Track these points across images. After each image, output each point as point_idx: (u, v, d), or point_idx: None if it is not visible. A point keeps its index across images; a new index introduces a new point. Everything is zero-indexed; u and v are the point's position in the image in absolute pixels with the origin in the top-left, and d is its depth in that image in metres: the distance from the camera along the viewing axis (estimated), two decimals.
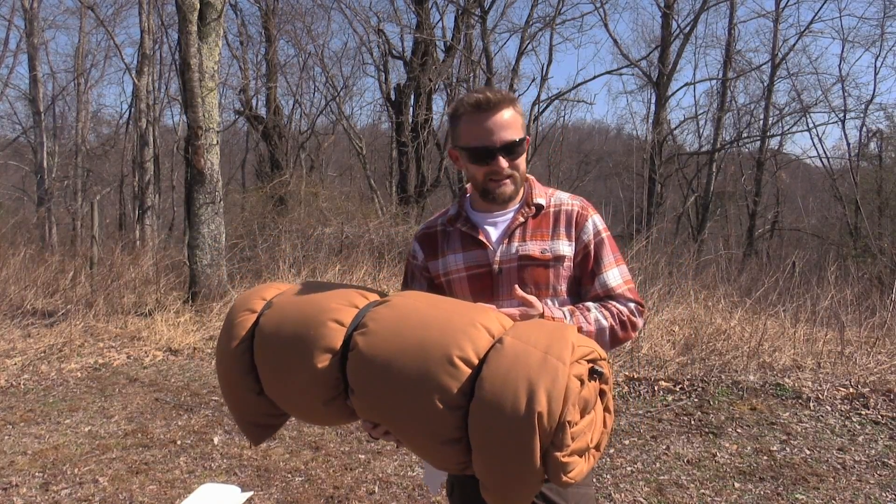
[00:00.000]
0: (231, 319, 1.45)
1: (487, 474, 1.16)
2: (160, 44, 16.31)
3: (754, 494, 3.11)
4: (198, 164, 6.91)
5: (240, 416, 1.46)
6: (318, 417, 1.37)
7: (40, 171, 16.82)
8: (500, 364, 1.14)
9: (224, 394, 1.48)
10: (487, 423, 1.11)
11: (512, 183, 1.42)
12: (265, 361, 1.36)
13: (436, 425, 1.16)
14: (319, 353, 1.27)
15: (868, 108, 17.13)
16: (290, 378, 1.31)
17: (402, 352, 1.20)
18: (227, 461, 3.53)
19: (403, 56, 15.42)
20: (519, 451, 1.10)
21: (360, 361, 1.24)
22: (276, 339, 1.34)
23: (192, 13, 6.67)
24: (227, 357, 1.41)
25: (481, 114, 1.37)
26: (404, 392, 1.18)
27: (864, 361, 4.72)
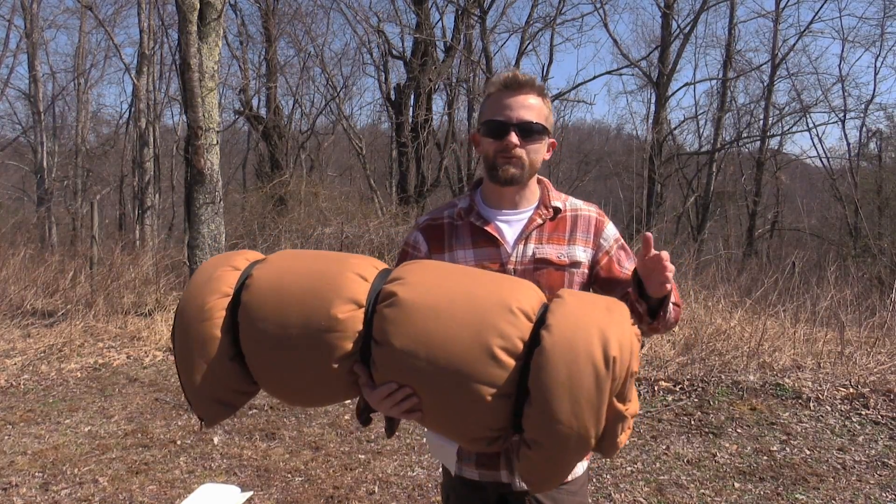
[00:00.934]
0: (206, 274, 1.27)
1: (543, 429, 1.08)
2: (160, 44, 16.31)
3: (754, 494, 3.11)
4: (198, 164, 6.91)
5: (200, 388, 1.24)
6: (312, 387, 1.20)
7: (40, 171, 16.82)
8: (568, 311, 1.11)
9: (184, 360, 1.24)
10: (557, 367, 1.05)
11: (520, 166, 1.37)
12: (259, 317, 1.19)
13: (487, 375, 1.08)
14: (341, 302, 1.15)
15: (868, 108, 17.16)
16: (293, 333, 1.17)
17: (451, 300, 1.13)
18: (227, 461, 3.53)
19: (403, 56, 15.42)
20: (591, 397, 1.06)
21: (401, 310, 1.13)
22: (278, 292, 1.20)
23: (192, 13, 6.67)
24: (199, 313, 1.22)
25: (506, 91, 1.37)
26: (455, 339, 1.09)
27: (864, 361, 4.72)
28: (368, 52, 15.90)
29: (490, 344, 1.08)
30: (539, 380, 1.06)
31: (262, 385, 1.26)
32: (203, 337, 1.22)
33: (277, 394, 1.26)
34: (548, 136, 1.41)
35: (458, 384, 1.09)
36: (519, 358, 1.09)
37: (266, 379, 1.24)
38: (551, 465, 1.13)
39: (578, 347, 1.06)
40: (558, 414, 1.06)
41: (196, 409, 1.27)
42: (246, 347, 1.22)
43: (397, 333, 1.12)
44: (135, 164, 16.32)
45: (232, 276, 1.26)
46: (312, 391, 1.22)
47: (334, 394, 1.23)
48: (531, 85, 1.37)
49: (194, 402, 1.27)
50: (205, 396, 1.25)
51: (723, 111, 17.76)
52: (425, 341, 1.11)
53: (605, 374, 1.06)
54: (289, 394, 1.25)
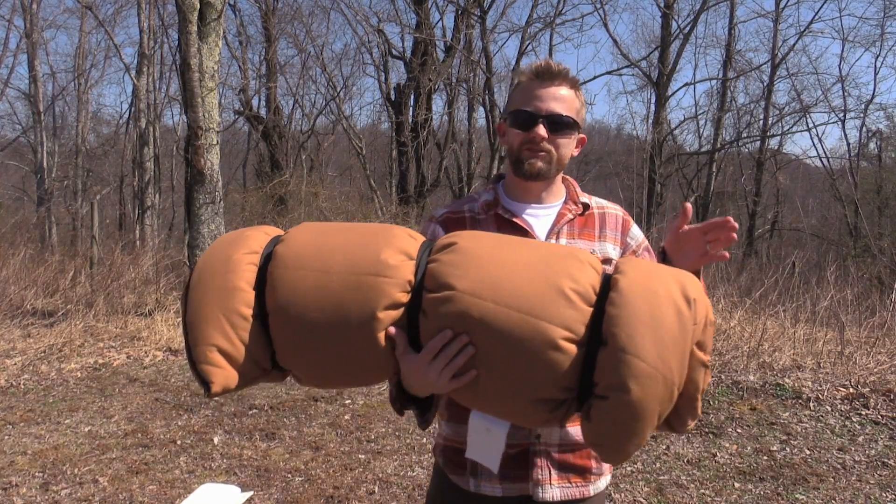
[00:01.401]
0: (233, 235, 1.17)
1: (624, 372, 0.96)
2: (160, 44, 16.31)
3: (754, 494, 3.11)
4: (198, 164, 6.91)
5: (211, 343, 1.08)
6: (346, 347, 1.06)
7: (40, 171, 16.83)
8: (638, 263, 1.06)
9: (197, 313, 1.09)
10: (637, 304, 0.97)
11: (547, 160, 1.30)
12: (296, 264, 1.07)
13: (560, 315, 0.98)
14: (392, 250, 1.06)
15: (868, 108, 17.17)
16: (335, 278, 1.05)
17: (515, 249, 1.06)
18: (227, 461, 3.53)
19: (403, 56, 15.43)
20: (675, 337, 0.97)
21: (463, 255, 1.04)
22: (318, 243, 1.09)
23: (192, 13, 6.67)
24: (223, 264, 1.10)
25: (537, 81, 1.31)
26: (525, 280, 1.01)
27: (864, 361, 4.72)
28: (368, 52, 15.92)
29: (562, 285, 1.00)
30: (617, 317, 0.97)
31: (284, 351, 1.11)
32: (225, 287, 1.09)
33: (300, 360, 1.11)
34: (577, 131, 1.34)
35: (527, 325, 0.98)
36: (591, 304, 1.01)
37: (292, 341, 1.09)
38: (630, 421, 0.98)
39: (657, 287, 1.00)
40: (642, 352, 0.95)
41: (200, 367, 1.08)
42: (274, 302, 1.08)
43: (459, 276, 1.02)
44: (135, 164, 16.33)
45: (263, 238, 1.16)
46: (345, 353, 1.07)
47: (370, 362, 1.08)
48: (564, 76, 1.31)
49: (199, 359, 1.09)
50: (214, 353, 1.08)
51: (723, 111, 17.77)
52: (492, 283, 1.01)
53: (687, 314, 0.99)
54: (314, 359, 1.10)
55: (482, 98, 14.98)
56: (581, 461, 1.32)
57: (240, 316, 1.08)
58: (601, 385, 0.98)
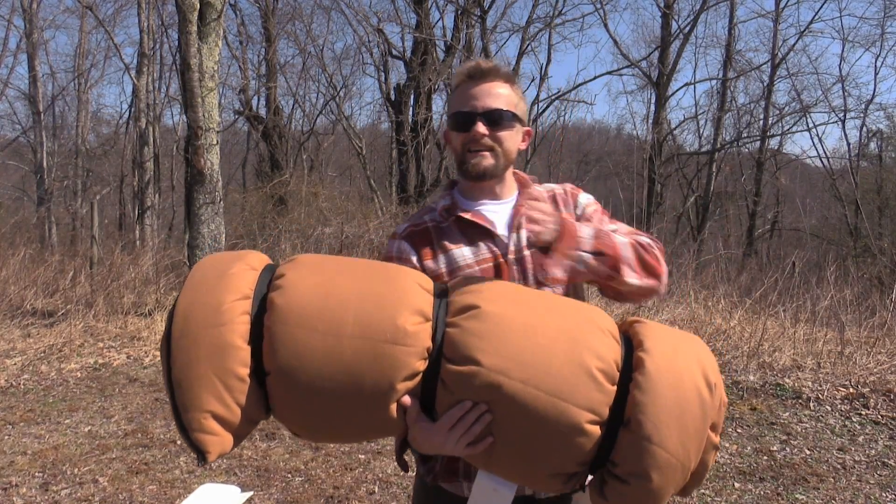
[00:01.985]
0: (218, 270, 1.04)
1: (647, 461, 0.97)
2: (160, 44, 16.31)
3: (754, 494, 3.11)
4: (198, 164, 6.90)
5: (205, 410, 0.98)
6: (357, 413, 1.00)
7: (40, 171, 16.83)
8: (659, 335, 1.04)
9: (186, 373, 0.97)
10: (665, 392, 0.97)
11: (492, 157, 1.29)
12: (301, 322, 0.97)
13: (586, 398, 0.96)
14: (408, 312, 0.98)
15: (868, 108, 17.15)
16: (347, 344, 0.97)
17: (540, 315, 1.02)
18: (227, 461, 3.53)
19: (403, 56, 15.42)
20: (698, 425, 0.98)
21: (488, 323, 0.98)
22: (325, 294, 0.99)
23: (192, 13, 6.67)
24: (214, 315, 0.98)
25: (471, 82, 1.30)
26: (552, 358, 0.97)
27: (864, 361, 4.72)
28: (368, 52, 15.92)
29: (589, 364, 0.98)
30: (643, 404, 0.96)
31: (284, 411, 1.03)
32: (217, 345, 0.98)
33: (300, 421, 1.04)
34: (520, 124, 1.34)
35: (554, 408, 0.96)
36: (615, 383, 0.99)
37: (296, 404, 1.00)
38: (647, 502, 1.00)
39: (683, 372, 0.99)
40: (666, 442, 0.96)
41: (195, 436, 0.99)
42: (275, 363, 0.99)
43: (485, 349, 0.97)
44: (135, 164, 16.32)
45: (250, 276, 1.05)
46: (349, 422, 1.01)
47: (375, 426, 1.03)
48: (496, 72, 1.30)
49: (193, 427, 0.99)
50: (209, 421, 0.99)
51: (723, 111, 17.77)
52: (519, 359, 0.97)
53: (709, 401, 1.00)
54: (314, 424, 1.03)
55: None
56: None
57: (236, 378, 0.99)
58: (622, 468, 0.98)
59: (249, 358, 1.00)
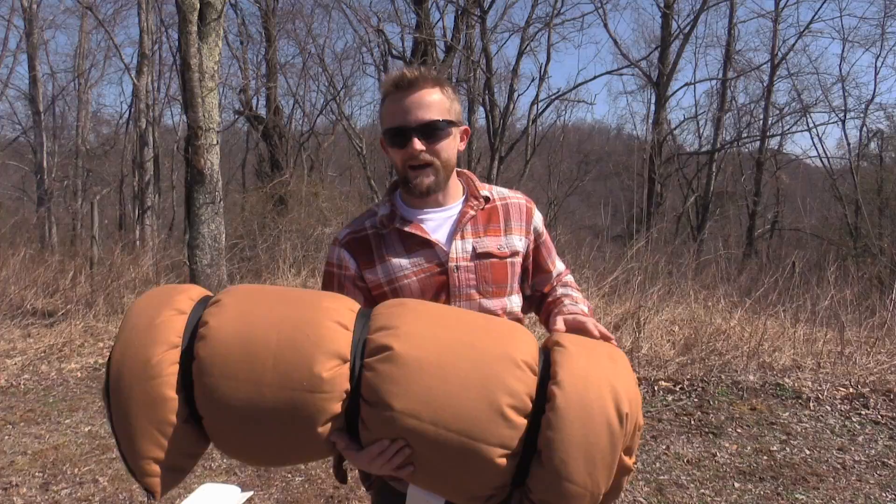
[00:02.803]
0: (146, 319, 1.08)
1: (555, 491, 1.03)
2: (160, 44, 16.32)
3: (754, 494, 3.11)
4: (198, 164, 6.90)
5: (147, 457, 1.06)
6: (286, 451, 1.09)
7: (40, 171, 16.82)
8: (575, 364, 1.07)
9: (125, 425, 1.05)
10: (573, 427, 1.01)
11: (432, 173, 1.28)
12: (223, 374, 1.03)
13: (497, 436, 1.01)
14: (324, 357, 1.03)
15: (868, 108, 17.15)
16: (267, 395, 1.03)
17: (453, 354, 1.06)
18: (227, 461, 3.53)
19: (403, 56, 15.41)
20: (605, 456, 1.03)
21: (399, 367, 1.03)
22: (245, 344, 1.04)
23: (192, 13, 6.67)
24: (144, 369, 1.04)
25: (399, 93, 1.27)
26: (462, 399, 1.02)
27: (864, 361, 4.72)
28: (369, 52, 15.91)
29: (500, 403, 1.02)
30: (552, 440, 1.01)
31: (223, 448, 1.12)
32: (150, 398, 1.04)
33: (240, 457, 1.13)
34: (456, 127, 1.32)
35: (465, 446, 1.02)
36: (527, 416, 1.04)
37: (229, 443, 1.09)
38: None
39: (592, 406, 1.02)
40: (574, 475, 1.02)
41: (143, 481, 1.08)
42: (206, 410, 1.06)
43: (397, 393, 1.02)
44: (135, 164, 16.33)
45: (178, 322, 1.09)
46: (284, 455, 1.10)
47: (309, 455, 1.12)
48: (423, 79, 1.27)
49: (140, 472, 1.08)
50: (153, 465, 1.07)
51: (723, 111, 17.76)
52: (430, 402, 1.02)
53: (619, 432, 1.04)
54: (255, 457, 1.13)
55: (482, 98, 14.98)
56: None
57: (171, 426, 1.06)
58: (535, 495, 1.05)
59: (182, 405, 1.07)
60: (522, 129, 15.71)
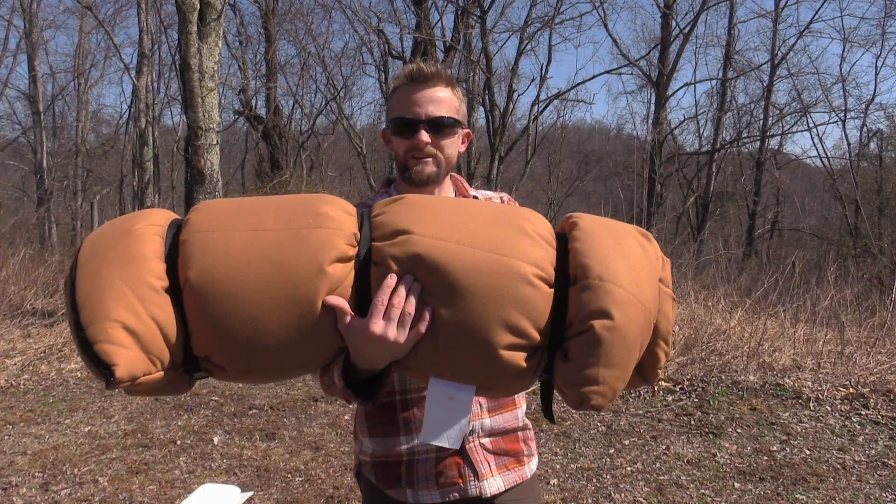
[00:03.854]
0: (130, 215, 0.98)
1: (603, 299, 0.91)
2: (159, 44, 16.31)
3: (754, 494, 3.11)
4: (198, 164, 6.91)
5: (111, 315, 0.85)
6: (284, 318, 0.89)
7: (40, 171, 16.83)
8: (594, 217, 1.03)
9: (92, 286, 0.87)
10: (602, 236, 0.96)
11: (434, 164, 1.30)
12: (219, 226, 0.91)
13: (526, 253, 0.93)
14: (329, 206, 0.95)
15: (868, 108, 17.16)
16: (268, 236, 0.90)
17: (469, 203, 1.02)
18: (227, 461, 3.53)
19: (403, 56, 15.41)
20: (642, 263, 0.96)
21: (418, 205, 0.98)
22: (241, 205, 0.96)
23: (191, 13, 6.67)
24: (124, 235, 0.92)
25: (413, 86, 1.29)
26: (488, 225, 0.95)
27: (864, 361, 4.72)
28: (368, 52, 15.92)
29: (523, 226, 0.96)
30: (588, 251, 0.94)
31: (204, 334, 0.91)
32: (129, 255, 0.89)
33: (224, 343, 0.91)
34: (461, 128, 1.35)
35: (498, 262, 0.90)
36: (552, 245, 0.97)
37: (216, 318, 0.89)
38: (616, 349, 0.91)
39: (616, 226, 1.01)
40: (619, 279, 0.91)
41: (102, 349, 0.85)
42: (195, 269, 0.89)
43: (415, 220, 0.93)
44: (135, 164, 16.32)
45: (164, 214, 0.99)
46: (285, 324, 0.89)
47: (308, 337, 0.92)
48: (438, 76, 1.30)
49: (101, 337, 0.85)
50: (119, 331, 0.85)
51: (723, 111, 17.77)
52: (451, 226, 0.93)
53: (650, 249, 0.99)
54: (244, 338, 0.90)
55: (482, 98, 14.98)
56: (513, 445, 1.33)
57: (150, 288, 0.88)
58: (578, 320, 0.91)
59: (164, 273, 0.90)
60: (522, 129, 15.72)
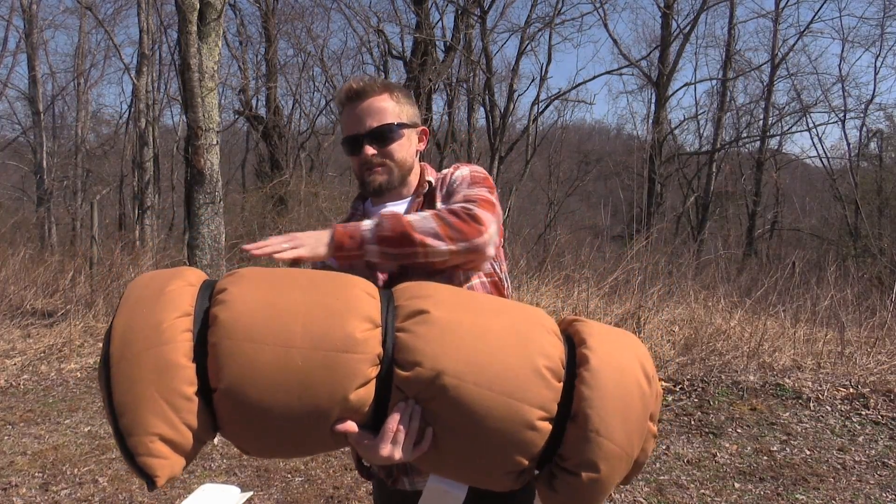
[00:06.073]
0: (155, 288, 1.00)
1: (594, 452, 1.01)
2: (159, 44, 16.31)
3: (754, 495, 3.10)
4: (198, 164, 6.90)
5: (151, 433, 0.94)
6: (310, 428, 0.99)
7: (40, 171, 16.82)
8: (598, 332, 1.09)
9: (128, 396, 0.93)
10: (609, 385, 1.02)
11: (385, 172, 1.33)
12: (248, 336, 0.95)
13: (537, 396, 0.99)
14: (356, 319, 0.98)
15: (868, 108, 17.16)
16: (296, 355, 0.95)
17: (490, 317, 1.05)
18: (227, 461, 3.53)
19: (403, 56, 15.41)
20: (639, 416, 1.04)
21: (439, 327, 1.00)
22: (271, 305, 0.98)
23: (191, 13, 6.66)
24: (155, 334, 0.95)
25: (350, 104, 1.33)
26: (504, 359, 1.00)
27: (864, 361, 4.72)
28: (368, 52, 15.91)
29: (538, 363, 1.01)
30: (590, 398, 1.01)
31: (233, 429, 1.00)
32: (161, 364, 0.94)
33: (251, 439, 1.01)
34: (408, 129, 1.36)
35: (508, 407, 0.98)
36: (561, 379, 1.04)
37: (245, 422, 0.98)
38: (595, 494, 1.04)
39: (624, 367, 1.05)
40: (613, 434, 1.01)
41: (143, 461, 0.95)
42: (226, 379, 0.95)
43: (438, 354, 0.98)
44: (135, 164, 16.32)
45: (189, 292, 1.02)
46: (308, 434, 1.00)
47: (328, 442, 1.03)
48: (371, 88, 1.33)
49: (143, 451, 0.94)
50: (158, 444, 0.94)
51: (723, 111, 17.77)
52: (472, 361, 0.99)
53: (648, 393, 1.06)
54: (270, 440, 1.00)
55: (482, 98, 14.98)
56: None
57: (183, 397, 0.95)
58: (570, 461, 1.02)
59: (195, 376, 0.96)
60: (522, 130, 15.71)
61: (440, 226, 1.18)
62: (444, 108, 16.39)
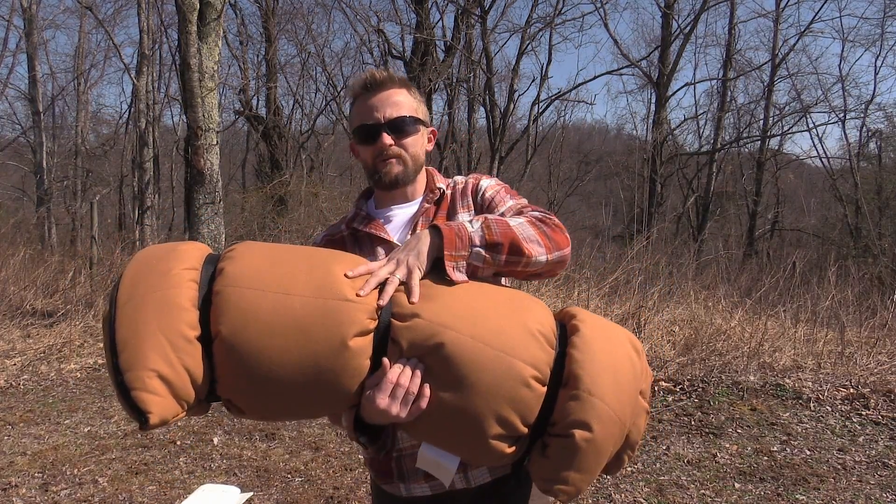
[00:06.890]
0: (165, 250, 1.05)
1: (586, 412, 1.01)
2: (159, 44, 16.31)
3: (754, 495, 3.10)
4: (198, 164, 6.90)
5: (149, 368, 0.94)
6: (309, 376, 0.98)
7: (40, 171, 16.82)
8: (590, 314, 1.13)
9: (131, 334, 0.95)
10: (599, 350, 1.05)
11: (400, 163, 1.31)
12: (250, 284, 0.98)
13: (529, 353, 1.01)
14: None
15: (868, 108, 17.14)
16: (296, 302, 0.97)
17: (486, 286, 1.10)
18: (226, 461, 3.53)
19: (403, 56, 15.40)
20: (629, 383, 1.06)
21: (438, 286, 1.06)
22: (272, 260, 1.03)
23: (191, 13, 6.66)
24: (162, 279, 0.99)
25: (369, 93, 1.32)
26: (498, 316, 1.04)
27: (865, 362, 4.72)
28: (368, 52, 15.90)
29: (530, 325, 1.04)
30: (581, 362, 1.03)
31: (229, 381, 1.00)
32: (166, 305, 0.96)
33: (247, 392, 1.00)
34: (423, 126, 1.36)
35: (502, 361, 0.99)
36: (553, 347, 1.06)
37: (243, 370, 0.97)
38: (589, 458, 1.03)
39: (613, 338, 1.09)
40: (605, 395, 1.02)
41: (136, 396, 0.94)
42: (227, 324, 0.97)
43: (435, 308, 1.01)
44: (135, 164, 16.31)
45: (197, 254, 1.06)
46: (305, 384, 0.98)
47: (327, 393, 1.01)
48: (391, 80, 1.33)
49: (138, 385, 0.94)
50: (155, 380, 0.94)
51: (723, 111, 17.77)
52: (466, 315, 1.01)
53: (638, 363, 1.10)
54: (266, 391, 0.99)
55: (482, 98, 14.98)
56: None
57: (183, 338, 0.96)
58: (561, 424, 1.03)
59: (197, 322, 0.98)
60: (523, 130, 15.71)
61: (539, 234, 1.16)
62: (444, 108, 16.39)
